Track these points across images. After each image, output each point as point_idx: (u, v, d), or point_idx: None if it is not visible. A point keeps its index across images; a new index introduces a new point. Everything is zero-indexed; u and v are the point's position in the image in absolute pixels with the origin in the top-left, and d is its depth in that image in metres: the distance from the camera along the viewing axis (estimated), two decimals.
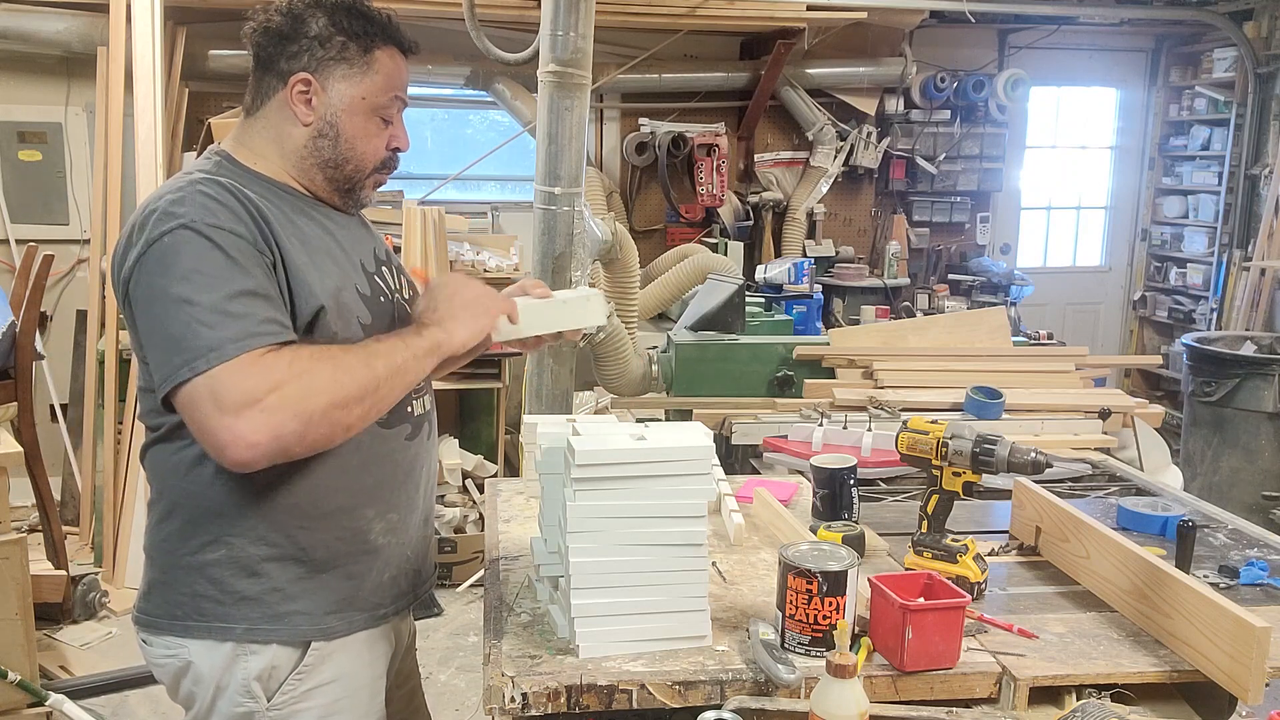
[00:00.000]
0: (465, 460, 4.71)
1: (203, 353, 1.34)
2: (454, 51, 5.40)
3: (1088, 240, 7.55)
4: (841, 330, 4.31)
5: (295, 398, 1.35)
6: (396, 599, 1.67)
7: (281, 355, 1.37)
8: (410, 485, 1.66)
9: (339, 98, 1.54)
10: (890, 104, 6.39)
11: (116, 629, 3.85)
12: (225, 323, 1.35)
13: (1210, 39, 6.67)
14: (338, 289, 1.51)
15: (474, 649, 3.80)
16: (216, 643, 1.51)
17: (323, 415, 1.37)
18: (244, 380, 1.33)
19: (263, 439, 1.33)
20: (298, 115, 1.54)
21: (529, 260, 3.73)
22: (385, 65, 1.56)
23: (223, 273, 1.37)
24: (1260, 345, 5.40)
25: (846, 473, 2.08)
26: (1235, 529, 2.17)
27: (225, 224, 1.40)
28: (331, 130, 1.54)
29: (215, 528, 1.49)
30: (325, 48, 1.52)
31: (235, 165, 1.54)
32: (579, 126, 3.33)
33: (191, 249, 1.38)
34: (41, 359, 4.04)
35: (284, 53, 1.52)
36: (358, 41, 1.53)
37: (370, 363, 1.43)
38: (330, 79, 1.53)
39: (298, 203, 1.56)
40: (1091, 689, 1.50)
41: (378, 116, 1.57)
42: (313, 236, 1.53)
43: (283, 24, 1.52)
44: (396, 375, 1.46)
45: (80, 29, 4.86)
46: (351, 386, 1.40)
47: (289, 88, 1.52)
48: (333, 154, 1.56)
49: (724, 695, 1.44)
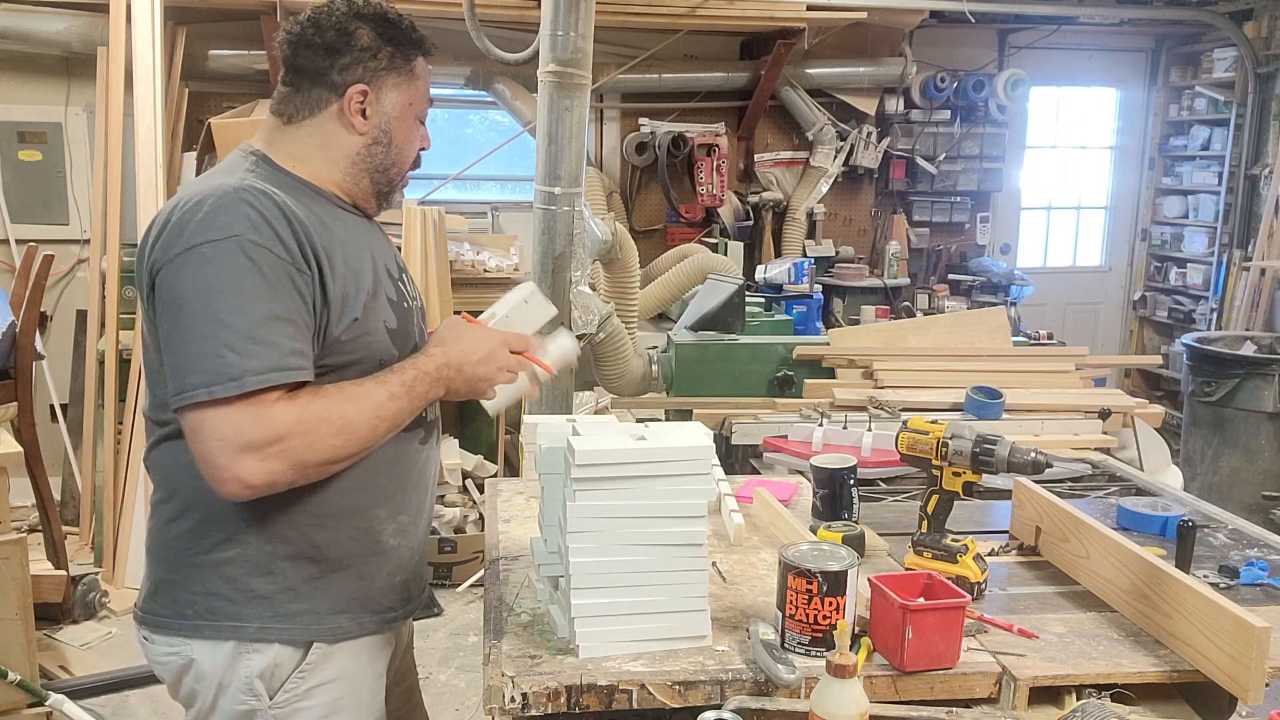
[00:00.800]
0: (465, 460, 4.71)
1: (223, 379, 1.35)
2: (454, 51, 5.40)
3: (1088, 240, 7.55)
4: (841, 330, 4.31)
5: (297, 451, 1.39)
6: (405, 603, 1.68)
7: (293, 406, 1.39)
8: (421, 488, 1.67)
9: (391, 106, 1.60)
10: (890, 104, 6.39)
11: (116, 629, 3.85)
12: (251, 350, 1.36)
13: (1210, 39, 6.67)
14: (371, 295, 1.54)
15: (474, 649, 3.80)
16: (221, 641, 1.51)
17: (319, 469, 1.45)
18: (252, 426, 1.36)
19: (258, 483, 1.39)
20: (354, 125, 1.58)
21: (529, 260, 3.73)
22: (423, 71, 1.64)
23: (258, 294, 1.39)
24: (1260, 345, 5.40)
25: (846, 473, 2.08)
26: (1235, 529, 2.17)
27: (266, 241, 1.41)
28: (386, 137, 1.60)
29: (230, 526, 1.50)
30: (377, 59, 1.57)
31: (273, 167, 1.56)
32: (579, 126, 3.33)
33: (231, 264, 1.39)
34: (41, 359, 4.04)
35: (335, 65, 1.56)
36: (402, 51, 1.59)
37: (377, 416, 1.47)
38: (383, 89, 1.59)
39: (333, 209, 1.58)
40: (1091, 689, 1.50)
41: (418, 120, 1.65)
42: (348, 242, 1.54)
43: (332, 38, 1.56)
44: (394, 427, 1.52)
45: (80, 29, 4.86)
46: (352, 446, 1.46)
47: (346, 99, 1.56)
48: (384, 159, 1.61)
49: (724, 695, 1.44)
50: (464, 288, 4.89)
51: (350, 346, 1.50)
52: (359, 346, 1.51)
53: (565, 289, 3.47)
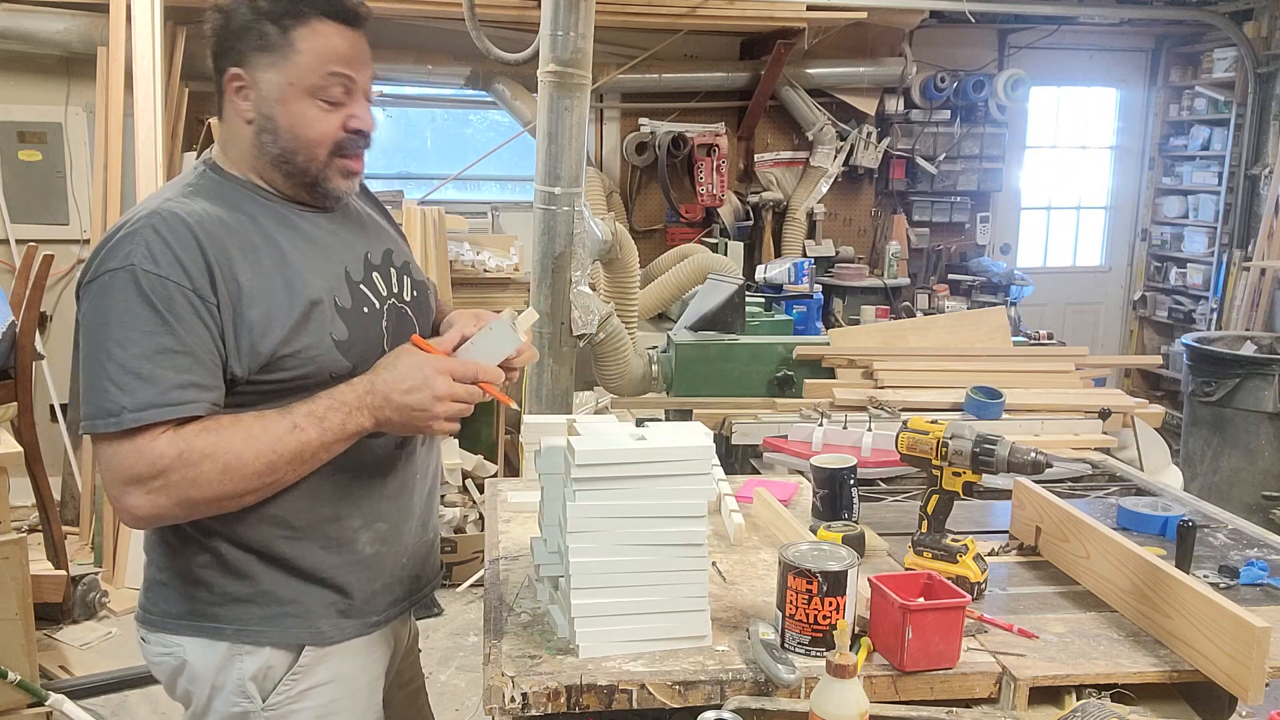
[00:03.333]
0: (465, 460, 4.71)
1: (103, 415, 1.35)
2: (454, 51, 5.41)
3: (1088, 240, 7.55)
4: (841, 330, 4.31)
5: (179, 486, 1.36)
6: (390, 606, 1.65)
7: (175, 441, 1.35)
8: (404, 495, 1.63)
9: (268, 87, 1.45)
10: (890, 104, 6.39)
11: (116, 629, 3.85)
12: (132, 385, 1.34)
13: (1210, 39, 6.67)
14: (309, 307, 1.46)
15: (474, 649, 3.80)
16: (211, 641, 1.51)
17: (208, 504, 1.40)
18: (134, 461, 1.35)
19: (145, 515, 1.38)
20: (240, 112, 1.48)
21: (529, 260, 3.73)
22: (310, 43, 1.44)
23: (146, 326, 1.35)
24: (1260, 345, 5.40)
25: (846, 473, 2.08)
26: (1235, 529, 2.17)
27: (165, 270, 1.36)
28: (270, 123, 1.47)
29: (201, 534, 1.49)
30: (246, 38, 1.45)
31: (219, 174, 1.52)
32: (579, 126, 3.33)
33: (123, 295, 1.36)
34: (41, 359, 4.04)
35: (220, 49, 1.48)
36: (275, 23, 1.44)
37: (274, 451, 1.39)
38: (257, 69, 1.45)
39: (279, 210, 1.51)
40: (1091, 689, 1.50)
41: (317, 99, 1.46)
42: (289, 251, 1.48)
43: (218, 22, 1.47)
44: (302, 460, 1.42)
45: (80, 29, 4.86)
46: (244, 483, 1.39)
47: (226, 87, 1.48)
48: (278, 147, 1.48)
49: (724, 695, 1.44)
50: (464, 288, 4.89)
51: (289, 362, 1.44)
52: (300, 361, 1.44)
53: (565, 289, 3.47)
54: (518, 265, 5.12)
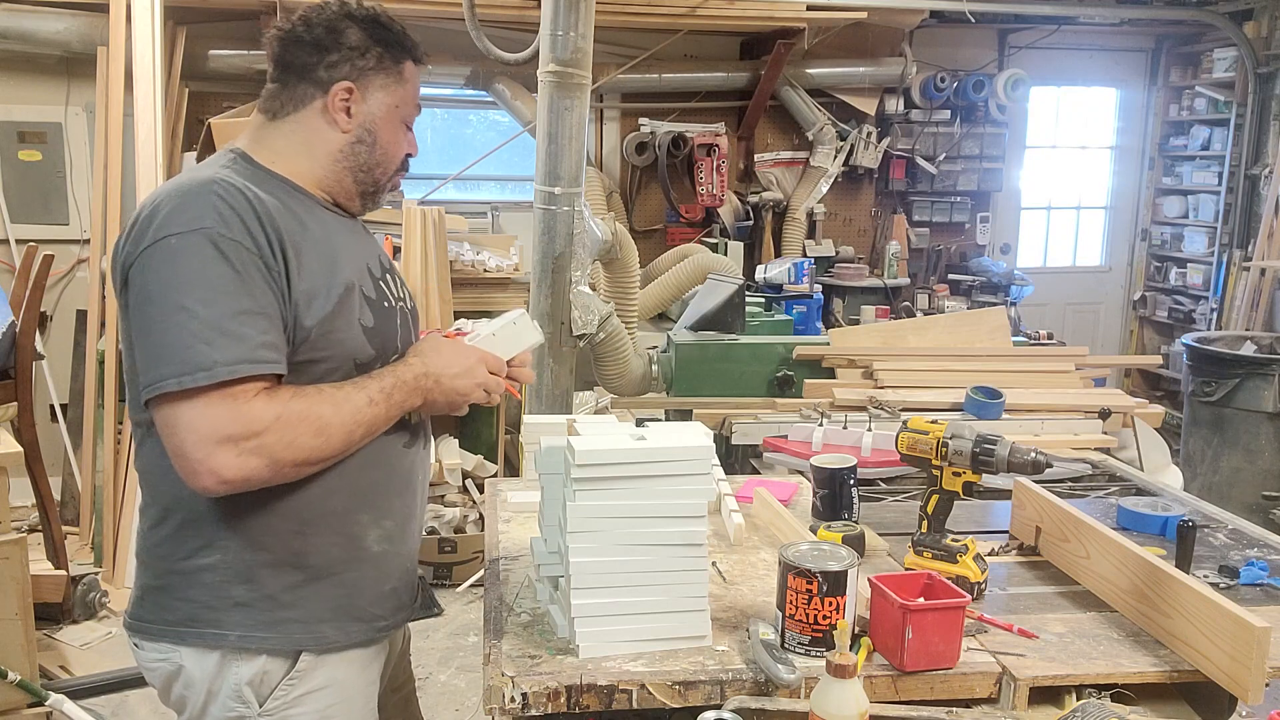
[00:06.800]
0: (465, 460, 4.70)
1: (194, 369, 1.34)
2: (454, 51, 5.40)
3: (1088, 240, 7.55)
4: (841, 330, 4.31)
5: (274, 448, 1.39)
6: (396, 611, 1.66)
7: (273, 403, 1.39)
8: (408, 494, 1.65)
9: (377, 106, 1.59)
10: (890, 104, 6.39)
11: (116, 629, 3.84)
12: (222, 342, 1.35)
13: (1210, 39, 6.67)
14: (346, 291, 1.51)
15: (474, 649, 3.80)
16: (208, 649, 1.51)
17: (294, 468, 1.44)
18: (229, 420, 1.35)
19: (233, 477, 1.37)
20: (338, 122, 1.58)
21: (529, 260, 3.73)
22: (413, 76, 1.64)
23: (228, 287, 1.38)
24: (1260, 345, 5.40)
25: (846, 473, 2.08)
26: (1235, 529, 2.17)
27: (236, 234, 1.40)
28: (369, 136, 1.60)
29: (209, 532, 1.48)
30: (365, 58, 1.57)
31: (252, 165, 1.55)
32: (579, 126, 3.33)
33: (200, 256, 1.38)
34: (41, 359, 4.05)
35: (322, 61, 1.56)
36: (391, 53, 1.60)
37: (355, 420, 1.47)
38: (370, 88, 1.59)
39: (310, 205, 1.56)
40: (1091, 689, 1.50)
41: (404, 124, 1.65)
42: (323, 240, 1.53)
43: (321, 34, 1.56)
44: (370, 433, 1.51)
45: (80, 29, 4.86)
46: (329, 448, 1.45)
47: (330, 96, 1.56)
48: (367, 159, 1.61)
49: (724, 695, 1.44)
50: (464, 288, 4.89)
51: (323, 342, 1.48)
52: (331, 343, 1.49)
53: (565, 289, 3.47)
54: (518, 265, 5.11)
